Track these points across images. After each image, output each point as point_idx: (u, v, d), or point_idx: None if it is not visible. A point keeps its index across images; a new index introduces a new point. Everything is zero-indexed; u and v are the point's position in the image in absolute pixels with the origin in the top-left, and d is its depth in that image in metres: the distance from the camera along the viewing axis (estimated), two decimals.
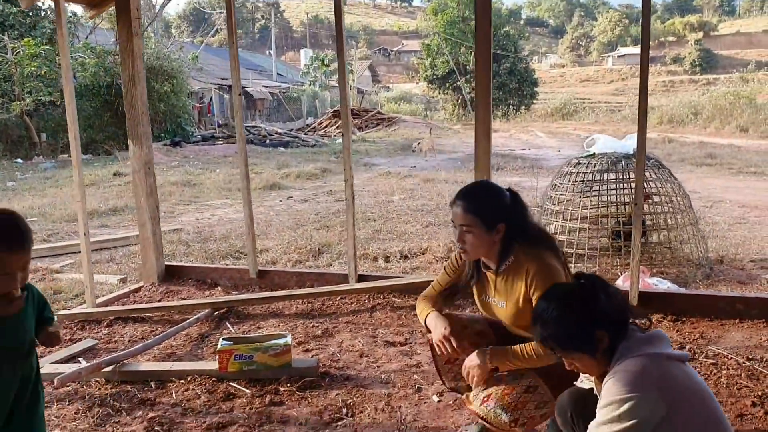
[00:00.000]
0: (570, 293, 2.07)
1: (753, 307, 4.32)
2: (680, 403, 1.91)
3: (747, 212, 8.68)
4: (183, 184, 12.47)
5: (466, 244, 2.62)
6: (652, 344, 2.01)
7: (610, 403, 1.92)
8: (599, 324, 1.99)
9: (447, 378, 2.88)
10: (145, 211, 5.26)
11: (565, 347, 2.03)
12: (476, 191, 2.68)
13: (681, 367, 2.00)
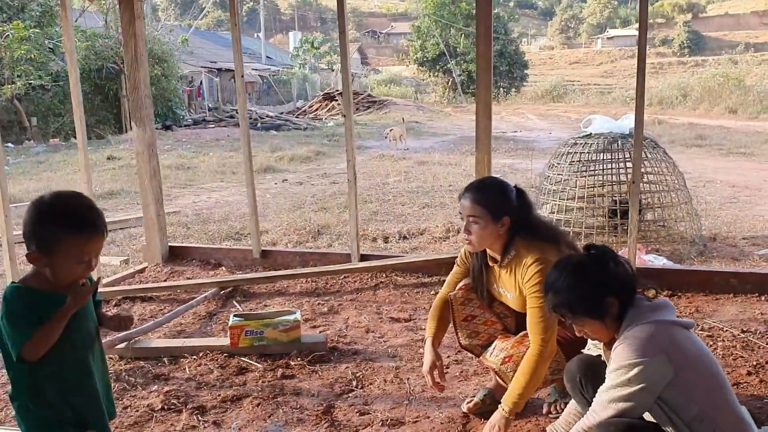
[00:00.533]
0: (581, 262, 2.17)
1: (746, 282, 4.45)
2: (686, 367, 2.01)
3: (737, 192, 8.82)
4: (177, 167, 12.49)
5: (472, 234, 2.73)
6: (659, 312, 2.11)
7: (620, 368, 2.02)
8: (609, 291, 2.09)
9: (463, 335, 3.00)
10: (149, 192, 5.32)
11: (576, 313, 2.12)
12: (484, 185, 2.82)
13: (686, 333, 2.11)
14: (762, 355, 3.53)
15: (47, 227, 1.85)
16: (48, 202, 1.88)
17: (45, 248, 1.86)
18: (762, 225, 6.62)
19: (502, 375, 2.78)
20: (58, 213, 1.87)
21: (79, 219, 1.87)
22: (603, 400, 2.07)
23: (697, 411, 2.00)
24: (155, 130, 5.43)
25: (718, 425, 2.01)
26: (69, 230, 1.85)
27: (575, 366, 2.42)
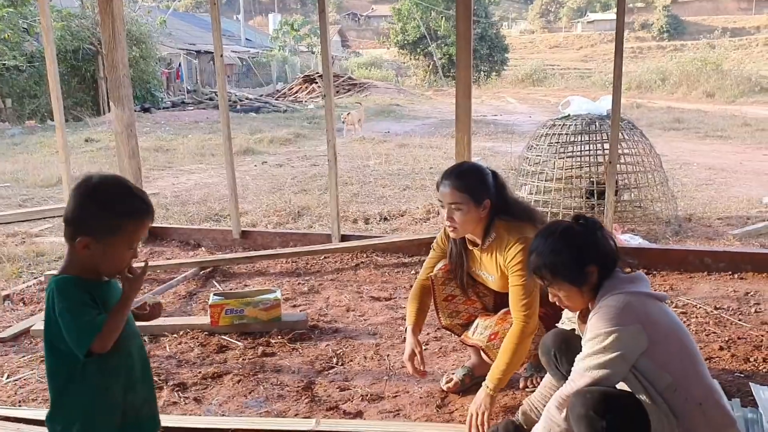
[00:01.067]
0: (570, 228, 2.20)
1: (720, 260, 4.54)
2: (660, 338, 2.07)
3: (713, 174, 8.94)
4: (156, 149, 12.38)
5: (455, 221, 2.75)
6: (635, 284, 2.16)
7: (596, 336, 2.06)
8: (592, 259, 2.13)
9: (443, 314, 3.04)
10: (128, 172, 5.29)
11: (556, 277, 2.15)
12: (463, 171, 2.82)
13: (660, 305, 2.16)
14: (734, 331, 3.62)
15: (105, 214, 1.78)
16: (102, 189, 1.82)
17: (101, 236, 1.78)
18: (736, 206, 6.73)
19: (488, 352, 2.83)
20: (116, 199, 1.81)
21: (136, 204, 1.83)
22: (580, 369, 2.11)
23: (670, 381, 2.05)
24: (134, 112, 5.39)
25: (690, 394, 2.06)
26: (126, 216, 1.81)
27: (550, 340, 2.46)
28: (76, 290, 1.79)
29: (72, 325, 1.74)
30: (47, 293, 1.81)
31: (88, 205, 1.79)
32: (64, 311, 1.75)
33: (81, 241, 1.78)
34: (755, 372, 3.15)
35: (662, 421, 2.04)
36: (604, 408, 2.00)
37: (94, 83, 20.37)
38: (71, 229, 1.80)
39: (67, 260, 1.84)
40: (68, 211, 1.80)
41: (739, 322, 3.73)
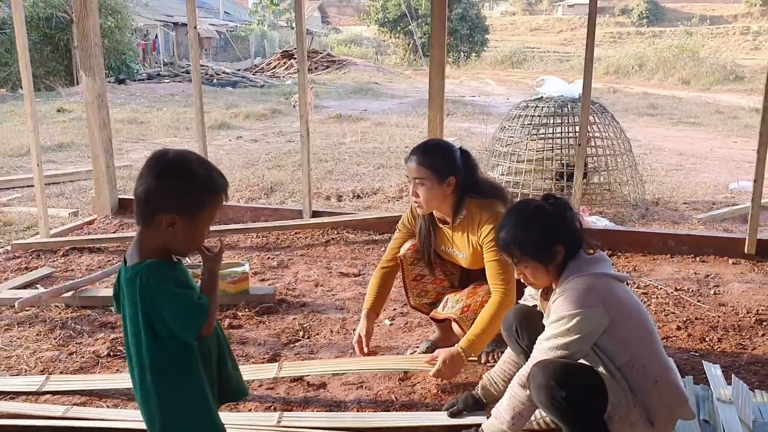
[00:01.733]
0: (540, 207, 2.24)
1: (683, 243, 4.63)
2: (620, 318, 2.13)
3: (684, 160, 9.07)
4: (130, 121, 12.24)
5: (420, 196, 2.80)
6: (597, 265, 2.21)
7: (560, 318, 2.12)
8: (560, 239, 2.18)
9: (412, 294, 3.11)
10: (98, 143, 5.24)
11: (524, 255, 2.19)
12: (429, 147, 2.88)
13: (622, 286, 2.23)
14: (692, 312, 3.71)
15: (191, 189, 1.72)
16: (183, 163, 1.75)
17: (187, 212, 1.72)
18: (703, 191, 6.85)
19: (461, 323, 2.89)
20: (199, 173, 1.74)
21: (216, 178, 1.78)
22: (543, 348, 2.17)
23: (628, 358, 2.12)
24: (107, 83, 5.33)
25: (647, 372, 2.13)
26: (211, 190, 1.76)
27: (512, 315, 2.52)
28: (173, 273, 1.75)
29: (180, 309, 1.70)
30: (130, 280, 1.71)
31: (172, 180, 1.71)
32: (170, 296, 1.70)
33: (166, 219, 1.71)
34: (710, 351, 3.25)
35: (619, 395, 2.10)
36: (564, 379, 2.06)
37: (68, 52, 19.98)
38: (152, 206, 1.71)
39: (143, 243, 1.76)
40: (147, 189, 1.71)
41: (698, 304, 3.82)
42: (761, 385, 2.90)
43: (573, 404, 2.06)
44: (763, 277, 4.25)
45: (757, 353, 3.22)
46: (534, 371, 2.13)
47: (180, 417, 1.78)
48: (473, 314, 2.83)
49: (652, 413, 2.14)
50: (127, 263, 1.76)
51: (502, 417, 2.27)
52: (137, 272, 1.71)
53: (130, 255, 1.76)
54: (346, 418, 2.65)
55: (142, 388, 1.77)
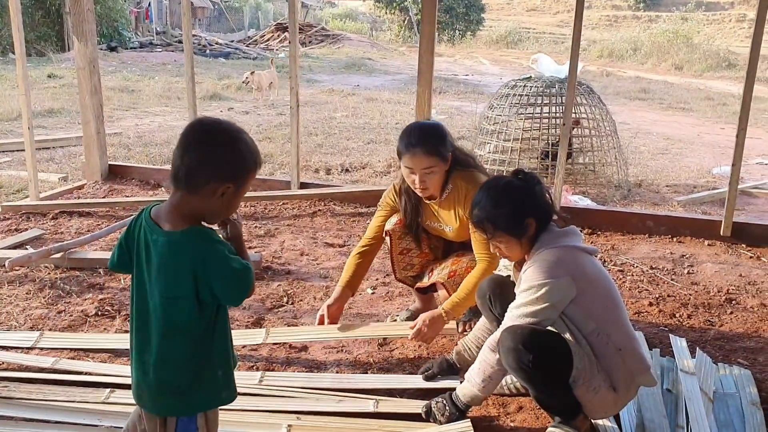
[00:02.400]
0: (510, 182, 2.34)
1: (661, 224, 4.75)
2: (587, 288, 2.23)
3: (670, 144, 9.17)
4: (121, 89, 12.21)
5: (428, 183, 2.83)
6: (568, 238, 2.31)
7: (529, 288, 2.22)
8: (530, 212, 2.28)
9: (399, 267, 3.17)
10: (89, 109, 5.28)
11: (498, 229, 2.29)
12: (429, 134, 2.83)
13: (590, 258, 2.33)
14: (665, 289, 3.83)
15: (244, 159, 1.72)
16: (240, 132, 1.73)
17: (237, 180, 1.71)
18: (686, 175, 6.97)
19: (448, 287, 2.97)
20: (249, 144, 1.73)
21: (254, 148, 1.76)
22: (513, 316, 2.27)
23: (594, 326, 2.23)
24: (99, 50, 5.35)
25: (611, 340, 2.24)
26: (254, 160, 1.74)
27: (486, 284, 2.62)
28: (221, 239, 1.74)
29: (238, 274, 1.69)
30: (173, 244, 1.67)
31: (231, 147, 1.70)
32: (227, 262, 1.68)
33: (223, 188, 1.68)
34: (679, 327, 3.37)
35: (584, 360, 2.21)
36: (531, 343, 2.16)
37: (59, 18, 19.77)
38: (206, 174, 1.67)
39: (181, 208, 1.71)
40: (202, 155, 1.68)
41: (671, 282, 3.94)
42: (725, 360, 3.02)
43: (539, 368, 2.17)
44: (736, 258, 4.37)
45: (724, 330, 3.35)
46: (503, 336, 2.24)
47: (209, 379, 1.77)
48: (459, 279, 2.92)
49: (614, 378, 2.25)
50: (160, 226, 1.70)
51: (474, 380, 2.38)
52: (189, 237, 1.68)
53: (165, 219, 1.70)
54: (325, 379, 2.75)
55: (165, 351, 1.72)
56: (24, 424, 2.35)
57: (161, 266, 1.69)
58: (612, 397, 2.26)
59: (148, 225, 1.72)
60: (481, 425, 2.45)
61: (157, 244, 1.69)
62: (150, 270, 1.71)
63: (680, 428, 2.42)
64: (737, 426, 2.48)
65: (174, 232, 1.68)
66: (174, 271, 1.67)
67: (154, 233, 1.70)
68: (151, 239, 1.70)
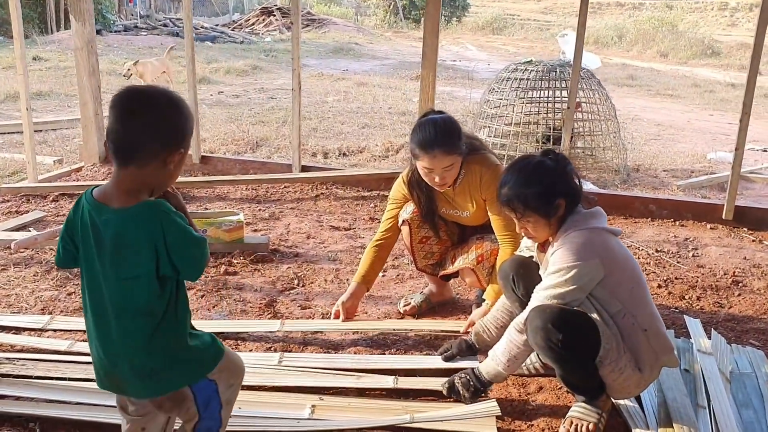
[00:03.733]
0: (542, 162, 2.32)
1: (664, 208, 4.78)
2: (615, 269, 2.23)
3: (662, 130, 9.22)
4: (109, 73, 11.99)
5: (447, 179, 2.81)
6: (595, 219, 2.31)
7: (558, 270, 2.22)
8: (561, 193, 2.26)
9: (419, 256, 3.14)
10: (87, 90, 5.20)
11: (528, 208, 2.27)
12: (444, 132, 2.75)
13: (616, 239, 2.33)
14: (672, 272, 3.86)
15: (187, 120, 1.65)
16: (173, 95, 1.66)
17: (185, 146, 1.67)
18: (682, 159, 7.01)
19: (478, 272, 2.97)
20: (185, 107, 1.66)
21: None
22: (540, 297, 2.26)
23: (620, 307, 2.24)
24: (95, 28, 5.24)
25: (637, 320, 2.24)
26: (192, 124, 1.69)
27: (508, 265, 2.61)
28: (174, 210, 1.65)
29: (197, 247, 1.65)
30: (130, 220, 1.58)
31: (174, 113, 1.62)
32: (187, 234, 1.62)
33: (175, 156, 1.63)
34: (689, 308, 3.40)
35: (611, 341, 2.21)
36: (560, 323, 2.16)
37: (42, 0, 19.46)
38: (155, 143, 1.60)
39: (125, 183, 1.62)
40: (146, 124, 1.59)
41: (678, 264, 3.97)
42: (737, 341, 3.05)
43: (568, 347, 2.17)
44: (739, 241, 4.41)
45: (734, 311, 3.38)
46: (532, 315, 2.24)
47: (184, 356, 1.72)
48: (488, 263, 2.92)
49: (639, 359, 2.26)
50: (107, 204, 1.60)
51: (499, 359, 2.38)
52: (144, 210, 1.59)
53: (112, 197, 1.61)
54: (344, 359, 2.74)
55: (129, 338, 1.64)
56: (45, 405, 2.32)
57: (117, 247, 1.59)
58: (637, 377, 2.27)
59: (94, 207, 1.61)
60: (502, 405, 2.45)
61: (109, 225, 1.58)
62: (102, 254, 1.60)
63: (701, 408, 2.44)
64: (756, 405, 2.51)
65: (126, 208, 1.59)
66: (132, 248, 1.58)
67: (103, 213, 1.59)
68: (99, 221, 1.59)
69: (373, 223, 4.47)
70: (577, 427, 2.30)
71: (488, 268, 2.92)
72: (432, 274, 3.20)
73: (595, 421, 2.30)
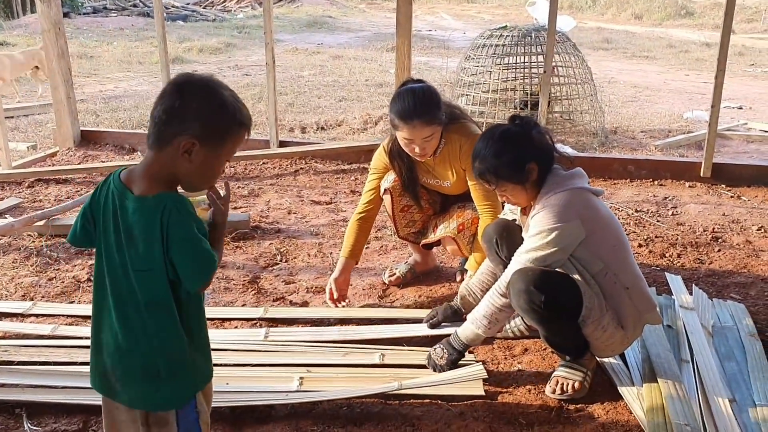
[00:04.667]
0: (507, 130, 2.31)
1: (642, 168, 4.80)
2: (596, 229, 2.24)
3: (638, 92, 9.25)
4: (79, 56, 11.80)
5: (427, 149, 2.77)
6: (575, 180, 2.31)
7: (539, 232, 2.22)
8: (530, 157, 2.26)
9: (401, 225, 3.12)
10: (58, 73, 5.10)
11: (500, 178, 2.28)
12: (423, 102, 2.70)
13: (597, 199, 2.33)
14: (652, 231, 3.89)
15: (220, 117, 1.51)
16: (215, 85, 1.53)
17: (208, 139, 1.50)
18: (659, 120, 7.04)
19: (458, 241, 2.96)
20: (231, 104, 1.52)
21: (244, 111, 1.56)
22: (522, 260, 2.27)
23: (602, 266, 2.25)
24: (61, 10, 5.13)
25: (618, 278, 2.26)
26: (237, 122, 1.54)
27: (492, 228, 2.61)
28: (194, 213, 1.52)
29: (199, 256, 1.50)
30: (147, 210, 1.47)
31: (200, 100, 1.50)
32: (193, 240, 1.49)
33: (185, 143, 1.48)
34: (670, 265, 3.43)
35: (593, 300, 2.23)
36: (542, 284, 2.18)
37: None
38: (172, 127, 1.48)
39: (152, 169, 1.52)
40: (169, 106, 1.48)
41: (657, 223, 4.00)
42: (718, 295, 3.09)
43: (550, 308, 2.19)
44: (717, 198, 4.45)
45: (714, 267, 3.42)
46: (514, 278, 2.25)
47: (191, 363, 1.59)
48: (469, 232, 2.92)
49: (622, 317, 2.28)
50: (131, 190, 1.50)
51: (479, 322, 2.38)
52: (159, 202, 1.48)
53: (137, 182, 1.51)
54: (331, 332, 2.75)
55: (141, 332, 1.53)
56: (30, 391, 2.30)
57: (130, 236, 1.49)
58: (620, 335, 2.30)
59: (118, 189, 1.51)
60: (489, 368, 2.48)
61: (127, 211, 1.49)
62: (119, 240, 1.51)
63: (685, 362, 2.48)
64: (738, 357, 2.55)
65: (145, 197, 1.48)
66: (144, 240, 1.48)
67: (124, 198, 1.50)
68: (119, 205, 1.50)
69: (354, 196, 4.45)
70: (563, 386, 2.33)
71: (469, 237, 2.92)
72: (414, 243, 3.20)
73: (580, 379, 2.33)
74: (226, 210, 1.67)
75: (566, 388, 2.32)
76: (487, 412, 2.23)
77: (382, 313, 2.92)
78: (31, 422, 2.16)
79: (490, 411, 2.24)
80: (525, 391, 2.36)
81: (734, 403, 2.25)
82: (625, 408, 2.27)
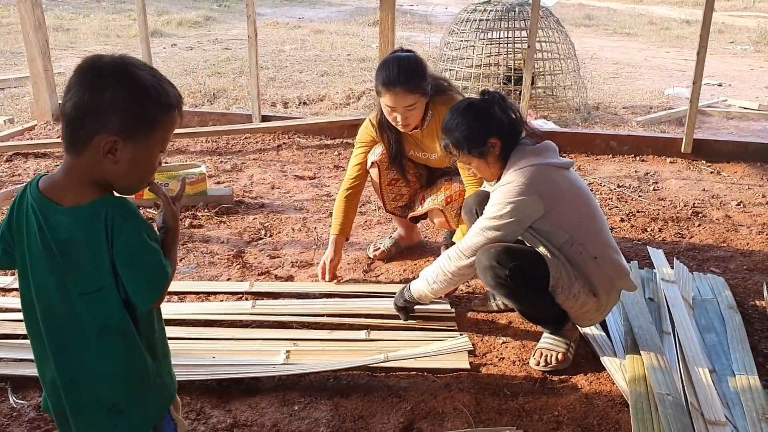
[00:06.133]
0: (470, 104, 2.34)
1: (624, 144, 4.84)
2: (557, 203, 2.25)
3: (620, 68, 9.29)
4: (55, 28, 11.57)
5: (410, 119, 2.75)
6: (540, 155, 2.31)
7: (496, 204, 2.26)
8: (492, 132, 2.27)
9: (388, 198, 3.13)
10: (35, 45, 5.00)
11: (462, 151, 2.31)
12: (407, 69, 2.68)
13: (564, 173, 2.32)
14: (634, 206, 3.93)
15: (141, 105, 1.28)
16: (129, 73, 1.28)
17: (132, 133, 1.28)
18: (641, 96, 7.09)
19: (446, 213, 2.98)
20: (151, 86, 1.29)
21: (171, 91, 1.33)
22: (477, 228, 2.31)
23: (567, 238, 2.26)
24: None
25: (586, 249, 2.26)
26: (165, 107, 1.32)
27: (472, 199, 2.63)
28: (143, 218, 1.34)
29: (152, 268, 1.32)
30: (86, 221, 1.28)
31: (111, 91, 1.26)
32: (145, 249, 1.31)
33: (106, 142, 1.26)
34: (651, 240, 3.47)
35: (559, 269, 2.23)
36: (505, 259, 2.21)
37: None
38: (87, 126, 1.26)
39: (75, 176, 1.30)
40: (77, 102, 1.25)
41: (639, 198, 4.05)
42: (699, 269, 3.14)
43: (516, 280, 2.21)
44: (698, 174, 4.50)
45: (694, 241, 3.46)
46: (478, 257, 2.28)
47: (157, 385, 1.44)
48: (456, 204, 2.92)
49: (593, 284, 2.29)
50: (58, 203, 1.29)
51: (427, 281, 2.46)
52: (99, 208, 1.28)
53: (63, 192, 1.29)
54: (317, 304, 2.75)
55: (95, 361, 1.35)
56: (15, 365, 2.29)
57: (67, 256, 1.28)
58: (593, 302, 2.30)
59: (38, 203, 1.29)
60: (474, 340, 2.50)
61: (60, 227, 1.28)
62: (52, 261, 1.29)
63: (666, 334, 2.52)
64: (718, 329, 2.60)
65: (78, 207, 1.28)
66: (89, 258, 1.28)
67: (52, 213, 1.28)
68: (43, 221, 1.28)
69: (337, 171, 4.45)
70: (547, 357, 2.36)
71: (456, 209, 2.93)
72: (401, 216, 3.20)
73: (563, 350, 2.36)
74: (177, 207, 1.47)
75: (550, 360, 2.35)
76: (472, 384, 2.25)
77: (368, 287, 2.92)
78: (16, 396, 2.15)
79: (475, 383, 2.26)
80: (509, 363, 2.39)
81: (714, 373, 2.29)
82: (608, 378, 2.30)
